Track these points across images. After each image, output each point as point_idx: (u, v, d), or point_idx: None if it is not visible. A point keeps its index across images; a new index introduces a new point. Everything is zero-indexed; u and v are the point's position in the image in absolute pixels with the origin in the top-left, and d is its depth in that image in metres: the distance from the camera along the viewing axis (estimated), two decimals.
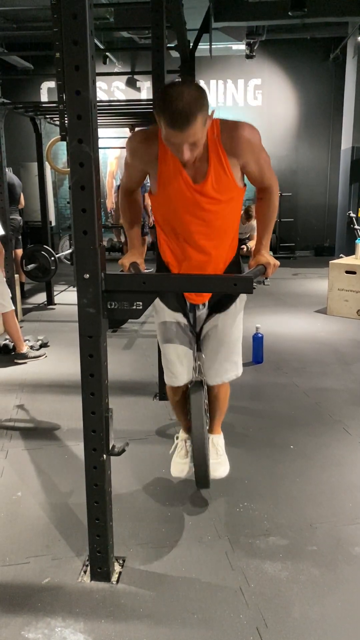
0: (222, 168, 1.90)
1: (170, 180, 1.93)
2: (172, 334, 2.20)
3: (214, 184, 1.91)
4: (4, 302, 4.17)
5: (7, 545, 2.15)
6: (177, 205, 1.96)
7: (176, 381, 2.26)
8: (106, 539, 1.92)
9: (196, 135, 1.72)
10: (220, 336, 2.19)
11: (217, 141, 1.87)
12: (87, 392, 1.79)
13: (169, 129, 1.71)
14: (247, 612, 1.81)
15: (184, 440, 2.46)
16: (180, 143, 1.73)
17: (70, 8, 1.50)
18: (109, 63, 9.51)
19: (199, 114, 1.68)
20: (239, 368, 2.29)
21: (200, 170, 1.89)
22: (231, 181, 1.93)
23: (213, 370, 2.25)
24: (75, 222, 1.66)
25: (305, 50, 9.81)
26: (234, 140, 1.87)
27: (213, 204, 1.95)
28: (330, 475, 2.64)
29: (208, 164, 1.88)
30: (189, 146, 1.75)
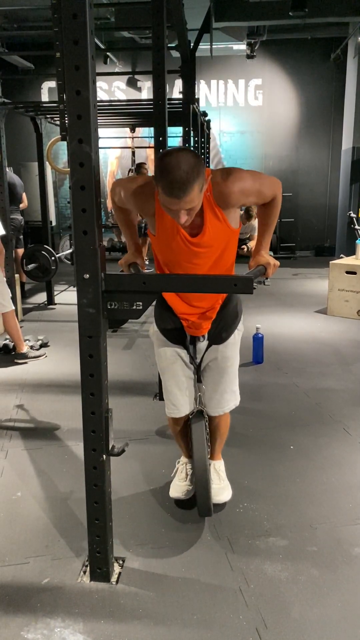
0: (218, 220, 1.93)
1: (167, 235, 1.97)
2: (173, 367, 2.24)
3: (210, 235, 1.95)
4: (4, 302, 4.17)
5: (6, 546, 2.15)
6: (175, 253, 2.00)
7: (178, 413, 2.29)
8: (106, 539, 1.92)
9: (193, 201, 1.76)
10: (221, 368, 2.23)
11: (211, 198, 1.90)
12: (86, 392, 1.79)
13: (166, 197, 1.74)
14: (246, 613, 1.80)
15: (185, 464, 2.48)
16: (178, 209, 1.77)
17: (70, 8, 1.50)
18: (110, 63, 9.50)
19: (195, 183, 1.71)
20: (238, 397, 2.34)
21: (196, 223, 1.92)
22: (227, 228, 1.97)
23: (215, 401, 2.28)
24: (75, 222, 1.66)
25: (306, 51, 9.80)
26: (226, 197, 1.90)
27: (210, 252, 2.00)
28: (330, 476, 2.63)
29: (203, 218, 1.92)
30: (185, 211, 1.78)
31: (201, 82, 9.75)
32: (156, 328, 2.26)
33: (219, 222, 1.93)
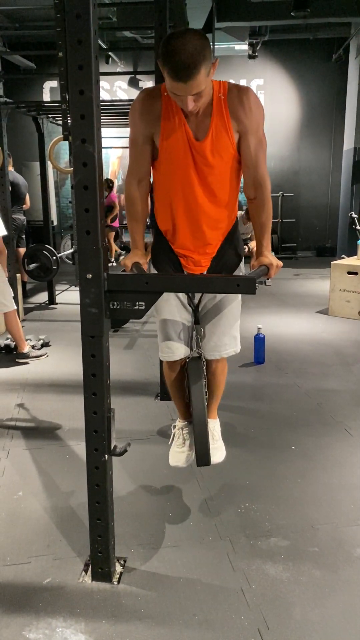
0: (224, 126, 1.90)
1: (173, 132, 1.92)
2: (169, 307, 2.17)
3: (213, 141, 1.91)
4: (6, 301, 4.17)
5: (7, 545, 2.15)
6: (177, 162, 1.96)
7: (172, 355, 2.21)
8: (107, 539, 1.92)
9: (200, 86, 1.73)
10: (220, 309, 2.16)
11: (223, 100, 1.88)
12: (89, 392, 1.79)
13: (172, 81, 1.72)
14: (248, 613, 1.80)
15: (181, 428, 2.42)
16: (185, 94, 1.75)
17: (74, 7, 1.50)
18: (112, 63, 9.51)
19: (202, 65, 1.69)
20: (238, 344, 2.26)
21: (203, 126, 1.90)
22: (229, 142, 1.93)
23: (212, 343, 2.21)
24: (78, 221, 1.66)
25: (308, 51, 9.80)
26: (240, 102, 1.88)
27: (209, 165, 1.95)
28: (332, 476, 2.63)
29: (210, 120, 1.90)
30: (193, 97, 1.76)
31: None
32: (152, 268, 2.19)
33: (224, 132, 1.90)
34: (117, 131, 8.28)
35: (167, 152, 1.97)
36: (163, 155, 1.99)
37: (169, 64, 1.69)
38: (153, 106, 1.93)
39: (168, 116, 1.92)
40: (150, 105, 1.94)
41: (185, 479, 2.59)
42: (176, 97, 1.79)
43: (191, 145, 1.93)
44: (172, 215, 2.09)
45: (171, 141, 1.94)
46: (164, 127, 1.93)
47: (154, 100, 1.93)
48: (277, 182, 9.89)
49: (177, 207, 2.05)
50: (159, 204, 2.13)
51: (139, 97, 1.99)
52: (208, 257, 2.13)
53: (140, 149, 2.02)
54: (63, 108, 4.09)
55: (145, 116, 1.96)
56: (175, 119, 1.91)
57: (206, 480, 2.58)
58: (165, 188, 2.05)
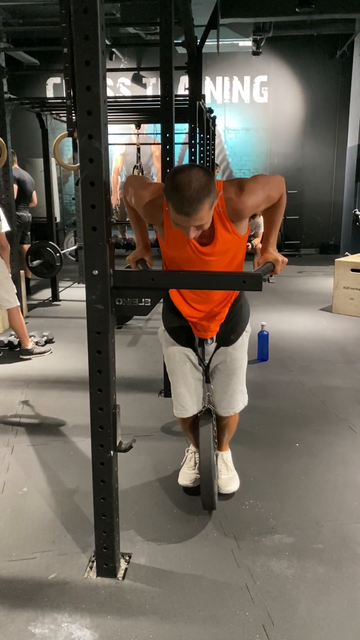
0: (228, 232, 1.95)
1: (177, 243, 1.97)
2: (182, 369, 2.25)
3: (221, 245, 1.96)
4: (10, 298, 4.17)
5: (13, 541, 2.16)
6: (185, 261, 2.01)
7: (186, 413, 2.31)
8: (112, 535, 1.92)
9: (203, 219, 1.77)
10: (230, 369, 2.25)
11: (223, 212, 1.91)
12: (94, 388, 1.79)
13: (176, 214, 1.75)
14: (253, 610, 1.81)
15: (194, 452, 2.51)
16: (188, 226, 1.77)
17: (81, 3, 1.50)
18: (115, 59, 9.49)
19: (206, 201, 1.72)
20: (246, 397, 2.37)
21: (207, 233, 1.92)
22: (237, 237, 1.99)
23: (225, 402, 2.30)
24: (84, 218, 1.66)
25: (312, 47, 9.77)
26: (239, 212, 1.92)
27: (221, 259, 2.01)
28: (336, 474, 2.63)
29: (214, 229, 1.92)
30: (195, 227, 1.79)
31: (206, 79, 9.72)
32: (164, 328, 2.27)
33: (229, 234, 1.95)
34: (121, 128, 8.28)
35: (172, 249, 2.01)
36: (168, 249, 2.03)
37: (174, 198, 1.72)
38: (157, 213, 1.97)
39: (170, 226, 1.92)
40: (154, 212, 1.97)
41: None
42: (178, 226, 1.81)
43: (198, 251, 1.97)
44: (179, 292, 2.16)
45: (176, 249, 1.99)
46: (168, 234, 1.97)
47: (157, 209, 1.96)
48: None
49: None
50: None
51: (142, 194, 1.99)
52: (217, 323, 2.21)
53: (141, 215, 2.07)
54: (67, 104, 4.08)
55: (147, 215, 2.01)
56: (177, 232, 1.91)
57: None
58: (171, 262, 2.09)
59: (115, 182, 10.43)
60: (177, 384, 2.28)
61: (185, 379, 2.26)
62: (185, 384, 2.26)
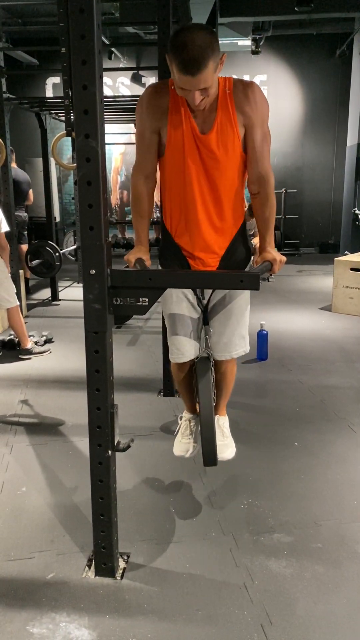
0: (229, 120, 1.91)
1: (178, 127, 1.93)
2: (179, 308, 2.17)
3: (218, 134, 1.92)
4: (9, 297, 4.17)
5: (11, 540, 2.16)
6: (183, 157, 1.97)
7: (182, 357, 2.21)
8: (111, 534, 1.92)
9: (207, 81, 1.74)
10: (229, 307, 2.16)
11: (229, 95, 1.89)
12: (92, 387, 1.79)
13: (180, 75, 1.73)
14: (251, 609, 1.81)
15: (188, 420, 2.42)
16: (192, 88, 1.75)
17: (77, 2, 1.49)
18: (114, 58, 9.49)
19: (210, 60, 1.70)
20: (247, 344, 2.26)
21: (208, 120, 1.91)
22: (235, 136, 1.94)
23: (221, 344, 2.21)
24: (81, 217, 1.66)
25: (312, 46, 9.76)
26: (245, 96, 1.90)
27: (215, 160, 1.96)
28: (335, 473, 2.63)
29: (216, 114, 1.91)
30: (200, 91, 1.77)
31: None
32: (160, 268, 2.20)
33: (230, 125, 1.91)
34: (120, 127, 8.28)
35: (173, 146, 1.97)
36: (169, 149, 1.99)
37: (177, 57, 1.70)
38: (160, 100, 1.94)
39: (174, 110, 1.92)
40: (158, 99, 1.95)
41: (188, 475, 2.59)
42: (183, 91, 1.80)
43: (197, 138, 1.94)
44: (179, 213, 2.08)
45: (177, 134, 1.95)
46: (171, 121, 1.94)
47: (161, 94, 1.95)
48: (280, 178, 9.86)
49: (184, 204, 2.05)
50: (166, 203, 2.13)
51: (146, 91, 2.00)
52: (216, 258, 2.12)
53: (147, 143, 2.02)
54: (66, 104, 4.08)
55: (153, 110, 1.96)
56: (181, 113, 1.92)
57: (209, 476, 2.58)
58: (172, 185, 2.05)
59: (115, 181, 10.43)
60: (174, 325, 2.18)
61: (181, 320, 2.16)
62: (182, 326, 2.17)
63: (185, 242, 2.11)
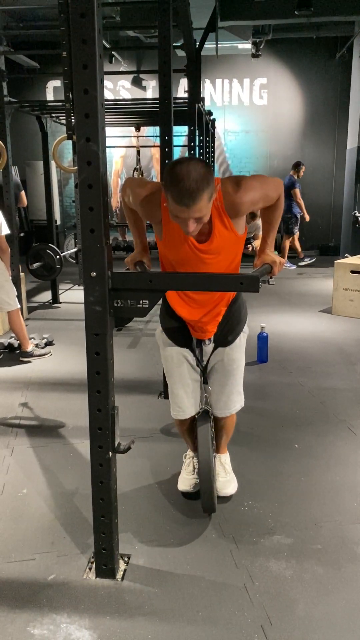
0: (226, 228, 1.96)
1: (174, 242, 1.98)
2: (180, 370, 2.25)
3: (218, 242, 1.97)
4: (10, 300, 4.19)
5: (12, 542, 2.16)
6: (183, 261, 2.02)
7: (183, 415, 2.31)
8: (111, 536, 1.93)
9: (202, 211, 1.77)
10: (227, 370, 2.25)
11: (221, 207, 1.92)
12: (93, 389, 1.80)
13: (176, 205, 1.75)
14: (251, 610, 1.81)
15: (192, 457, 2.51)
16: (186, 218, 1.78)
17: (78, 7, 1.51)
18: (115, 62, 9.51)
19: (205, 192, 1.73)
20: (243, 399, 2.37)
21: (204, 230, 1.94)
22: (235, 235, 1.99)
23: (221, 403, 2.31)
24: (82, 220, 1.67)
25: (312, 50, 9.78)
26: (237, 207, 1.92)
27: (218, 259, 2.02)
28: (335, 475, 2.64)
29: (212, 225, 1.93)
30: (194, 220, 1.79)
31: (206, 81, 9.74)
32: (161, 329, 2.27)
33: (226, 230, 1.96)
34: (120, 130, 8.29)
35: (170, 248, 2.02)
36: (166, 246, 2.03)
37: (173, 189, 1.73)
38: (154, 210, 1.97)
39: (168, 223, 1.94)
40: (152, 209, 1.98)
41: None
42: (177, 219, 1.81)
43: (195, 248, 1.98)
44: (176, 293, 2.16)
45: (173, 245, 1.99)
46: (166, 230, 1.98)
47: (155, 205, 1.97)
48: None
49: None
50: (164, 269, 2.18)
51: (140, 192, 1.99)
52: (214, 325, 2.21)
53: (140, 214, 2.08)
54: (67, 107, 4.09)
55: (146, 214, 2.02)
56: (175, 227, 1.92)
57: None
58: (168, 263, 2.10)
59: (116, 184, 10.45)
60: (175, 385, 2.29)
61: (182, 380, 2.26)
62: (183, 385, 2.27)
63: (183, 314, 2.19)
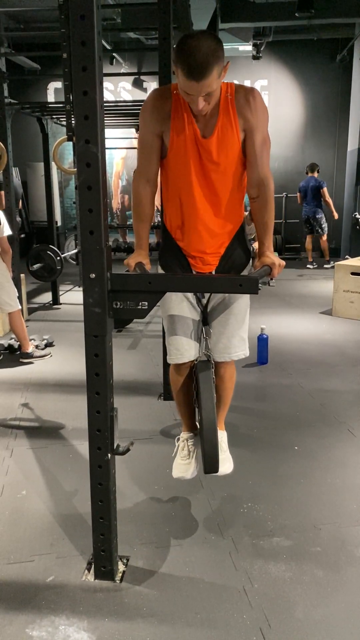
0: (230, 124, 1.94)
1: (181, 131, 1.96)
2: (179, 308, 2.16)
3: (219, 138, 1.95)
4: (11, 301, 4.19)
5: (11, 544, 2.16)
6: (185, 160, 1.99)
7: (181, 357, 2.19)
8: (110, 538, 1.93)
9: (211, 85, 1.78)
10: (228, 307, 2.16)
11: (231, 100, 1.93)
12: (92, 391, 1.80)
13: (185, 80, 1.76)
14: (250, 613, 1.81)
15: (186, 440, 2.42)
16: (196, 93, 1.79)
17: (78, 9, 1.51)
18: (116, 63, 9.53)
19: (215, 65, 1.74)
20: (247, 348, 2.25)
21: (210, 124, 1.95)
22: (236, 140, 1.97)
23: (221, 344, 2.20)
24: (81, 222, 1.67)
25: (312, 52, 9.80)
26: (247, 101, 1.93)
27: (216, 163, 1.99)
28: (335, 477, 2.63)
29: (217, 119, 1.94)
30: (203, 97, 1.81)
31: None
32: (160, 267, 2.21)
33: (231, 129, 1.94)
34: (121, 132, 8.31)
35: (175, 150, 2.00)
36: (171, 152, 2.02)
37: (183, 62, 1.74)
38: (163, 104, 1.98)
39: (177, 115, 1.96)
40: (161, 104, 1.98)
41: (188, 479, 2.59)
42: (187, 96, 1.83)
43: (198, 142, 1.97)
44: (179, 214, 2.11)
45: (180, 138, 1.98)
46: (173, 125, 1.97)
47: (165, 99, 1.98)
48: (281, 182, 9.88)
49: (184, 206, 2.08)
50: (167, 204, 2.16)
51: (150, 95, 2.03)
52: (216, 256, 2.15)
53: (150, 147, 2.05)
54: (67, 109, 4.10)
55: (156, 114, 1.99)
56: (184, 118, 1.95)
57: (209, 479, 2.58)
58: (173, 187, 2.08)
59: (116, 186, 10.46)
60: (173, 325, 2.17)
61: (182, 320, 2.16)
62: (182, 325, 2.16)
63: (184, 242, 2.14)
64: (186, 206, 2.07)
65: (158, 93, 2.02)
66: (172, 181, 2.07)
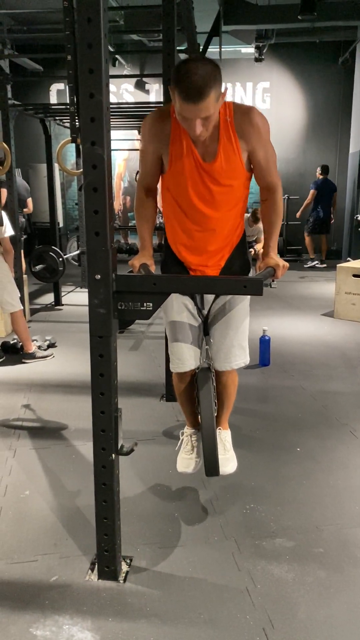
0: (232, 148, 1.94)
1: (180, 157, 1.96)
2: (180, 317, 2.19)
3: (222, 163, 1.95)
4: (13, 301, 4.20)
5: (15, 544, 2.17)
6: (185, 183, 2.00)
7: (182, 366, 2.22)
8: (114, 538, 1.93)
9: (209, 109, 1.76)
10: (228, 316, 2.19)
11: (230, 122, 1.92)
12: (96, 391, 1.81)
13: (182, 103, 1.75)
14: (253, 613, 1.81)
15: (190, 435, 2.44)
16: (193, 117, 1.77)
17: (85, 12, 1.52)
18: (119, 65, 9.55)
19: (212, 89, 1.73)
20: (247, 356, 2.28)
21: (210, 149, 1.94)
22: (239, 163, 1.97)
23: (222, 353, 2.22)
24: (87, 223, 1.68)
25: (314, 54, 9.82)
26: (246, 123, 1.92)
27: (219, 185, 1.99)
28: (337, 478, 2.64)
29: (218, 143, 1.93)
30: (201, 121, 1.79)
31: None
32: None
33: (233, 153, 1.94)
34: (124, 133, 8.32)
35: (174, 172, 2.02)
36: (170, 174, 2.03)
37: (180, 85, 1.73)
38: (163, 128, 1.98)
39: (176, 138, 1.96)
40: (160, 127, 1.98)
41: (191, 480, 2.60)
42: (184, 121, 1.82)
43: (200, 166, 1.97)
44: (180, 232, 2.14)
45: (178, 163, 1.99)
46: (172, 150, 1.98)
47: (164, 122, 1.98)
48: (283, 185, 9.72)
49: (186, 224, 2.11)
50: (168, 220, 2.18)
51: (150, 116, 2.04)
52: (217, 269, 2.18)
53: (150, 161, 2.08)
54: (71, 110, 4.11)
55: (155, 136, 2.01)
56: (183, 143, 1.95)
57: (212, 480, 2.59)
58: (174, 205, 2.10)
59: (118, 187, 10.48)
60: (175, 333, 2.20)
61: (183, 328, 2.18)
62: (183, 334, 2.19)
63: (185, 257, 2.17)
64: (187, 224, 2.10)
65: (157, 115, 2.01)
66: (173, 199, 2.09)
